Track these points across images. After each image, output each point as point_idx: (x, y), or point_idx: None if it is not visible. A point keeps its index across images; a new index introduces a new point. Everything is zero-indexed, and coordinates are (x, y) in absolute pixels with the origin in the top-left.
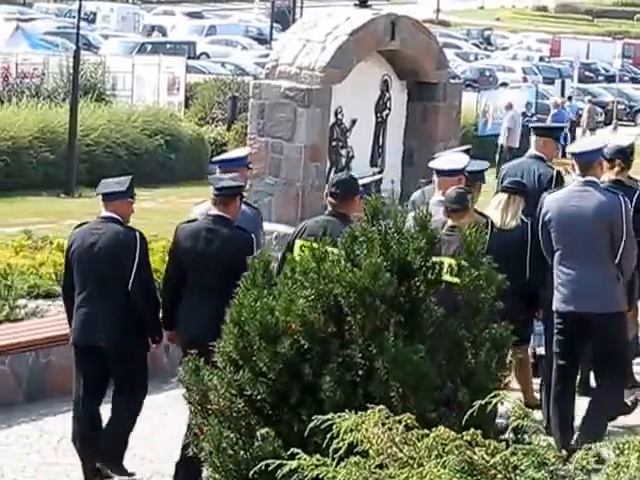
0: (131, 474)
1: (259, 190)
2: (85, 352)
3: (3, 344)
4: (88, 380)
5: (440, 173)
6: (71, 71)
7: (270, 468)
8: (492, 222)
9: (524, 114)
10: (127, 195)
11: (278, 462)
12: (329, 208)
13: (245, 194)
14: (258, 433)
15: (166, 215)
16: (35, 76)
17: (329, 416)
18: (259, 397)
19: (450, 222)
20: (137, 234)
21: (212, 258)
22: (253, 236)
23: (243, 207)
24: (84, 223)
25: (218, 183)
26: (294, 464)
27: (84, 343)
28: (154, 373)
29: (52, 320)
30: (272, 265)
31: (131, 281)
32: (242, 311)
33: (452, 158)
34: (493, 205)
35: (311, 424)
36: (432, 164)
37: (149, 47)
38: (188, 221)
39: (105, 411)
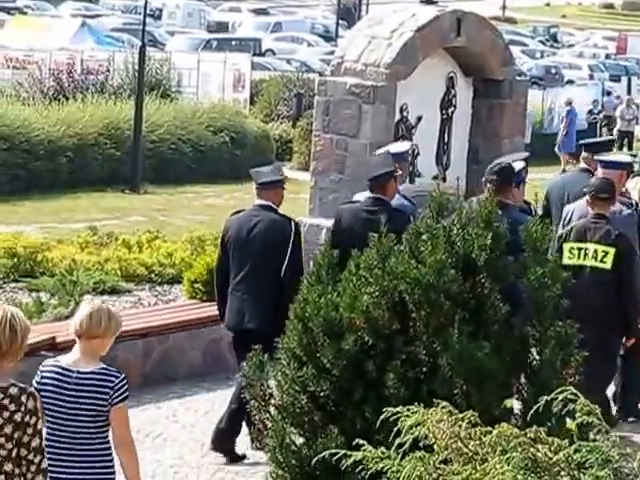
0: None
1: (324, 187)
2: (239, 335)
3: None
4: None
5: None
6: (136, 67)
7: (334, 461)
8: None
9: (590, 112)
10: (282, 183)
11: (343, 452)
12: (486, 195)
13: (401, 188)
14: (322, 430)
15: (231, 211)
16: (100, 72)
17: (396, 409)
18: (322, 393)
19: (595, 210)
20: (292, 223)
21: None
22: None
23: (402, 201)
24: (240, 211)
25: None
26: (359, 455)
27: (238, 327)
28: (220, 369)
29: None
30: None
31: (284, 267)
32: (306, 307)
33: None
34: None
35: (380, 417)
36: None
37: (214, 44)
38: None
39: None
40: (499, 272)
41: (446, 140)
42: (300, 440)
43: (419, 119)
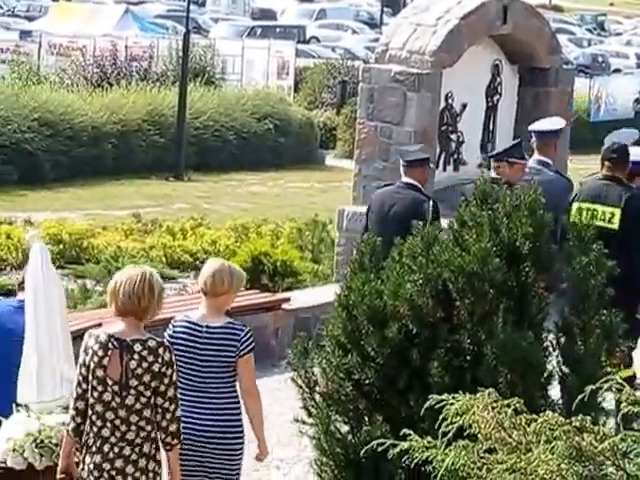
0: None
1: (368, 175)
2: None
3: None
4: None
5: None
6: (180, 54)
7: (380, 450)
8: None
9: (637, 100)
10: (428, 162)
11: (390, 442)
12: (604, 172)
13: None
14: (366, 417)
15: (274, 199)
16: (144, 59)
17: (440, 397)
18: (367, 381)
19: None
20: (432, 203)
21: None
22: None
23: (556, 176)
24: (388, 184)
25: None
26: (405, 445)
27: None
28: (265, 356)
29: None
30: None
31: None
32: (350, 295)
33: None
34: None
35: (425, 404)
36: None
37: (259, 31)
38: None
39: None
40: (543, 261)
41: (491, 128)
42: (344, 428)
43: (464, 107)
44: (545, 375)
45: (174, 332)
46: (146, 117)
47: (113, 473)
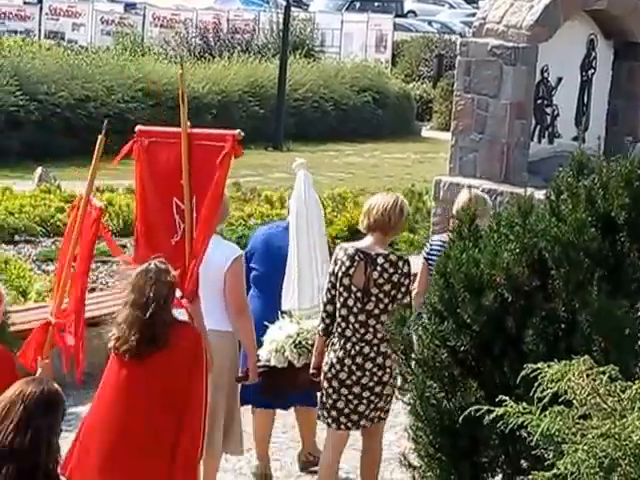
0: None
1: (464, 146)
2: None
3: None
4: None
5: None
6: (281, 27)
7: (475, 416)
8: None
9: None
10: None
11: (486, 408)
12: None
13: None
14: (461, 384)
15: (370, 170)
16: (246, 32)
17: (536, 365)
18: (462, 348)
19: None
20: None
21: None
22: None
23: None
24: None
25: None
26: (500, 411)
27: None
28: None
29: None
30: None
31: None
32: (448, 263)
33: None
34: None
35: (520, 372)
36: None
37: (358, 4)
38: None
39: None
40: (639, 231)
41: (585, 102)
42: (440, 393)
43: (559, 80)
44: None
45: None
46: (247, 88)
47: (353, 368)
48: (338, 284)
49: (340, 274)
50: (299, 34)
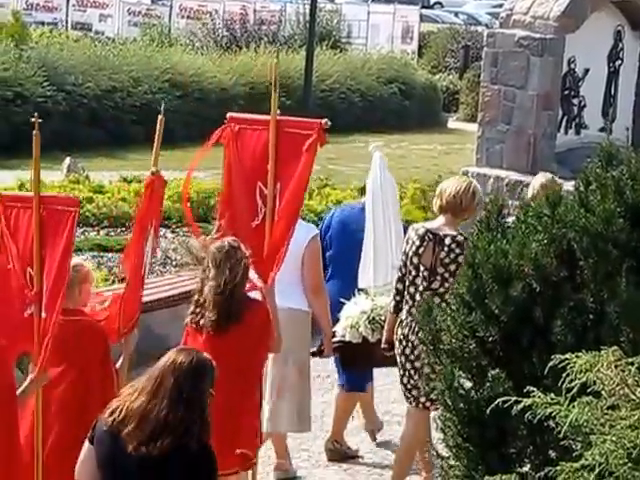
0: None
1: (491, 137)
2: None
3: None
4: None
5: None
6: (308, 18)
7: (503, 407)
8: None
9: None
10: None
11: (514, 399)
12: None
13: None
14: (490, 374)
15: (398, 161)
16: (272, 23)
17: (564, 356)
18: (490, 339)
19: None
20: None
21: None
22: None
23: None
24: None
25: None
26: (529, 401)
27: None
28: None
29: None
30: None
31: None
32: (476, 254)
33: None
34: None
35: (548, 363)
36: None
37: None
38: None
39: None
40: None
41: (612, 93)
42: (468, 384)
43: (586, 71)
44: None
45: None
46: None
47: (417, 343)
48: (408, 263)
49: (410, 253)
50: (325, 25)
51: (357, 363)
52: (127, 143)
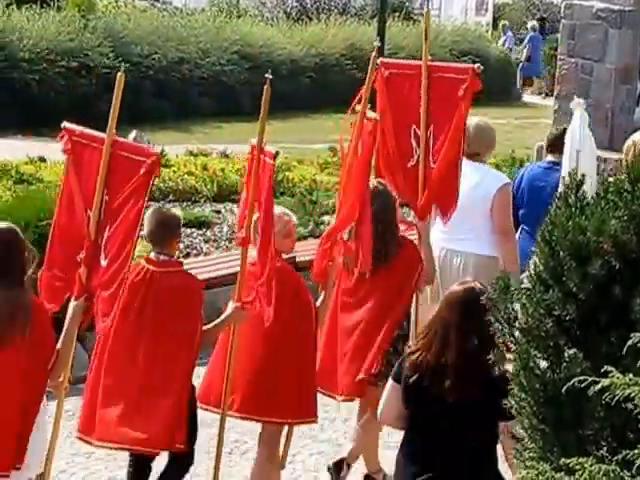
0: None
1: (567, 111)
2: None
3: (308, 260)
4: None
5: None
6: None
7: (580, 387)
8: None
9: None
10: None
11: (591, 379)
12: None
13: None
14: (566, 354)
15: None
16: None
17: None
18: (567, 317)
19: None
20: None
21: None
22: None
23: None
24: None
25: None
26: (607, 382)
27: None
28: None
29: None
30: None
31: None
32: (554, 230)
33: None
34: None
35: (627, 342)
36: None
37: None
38: None
39: None
40: None
41: None
42: (544, 364)
43: None
44: None
45: None
46: (344, 51)
47: None
48: None
49: None
50: None
51: None
52: (194, 116)
